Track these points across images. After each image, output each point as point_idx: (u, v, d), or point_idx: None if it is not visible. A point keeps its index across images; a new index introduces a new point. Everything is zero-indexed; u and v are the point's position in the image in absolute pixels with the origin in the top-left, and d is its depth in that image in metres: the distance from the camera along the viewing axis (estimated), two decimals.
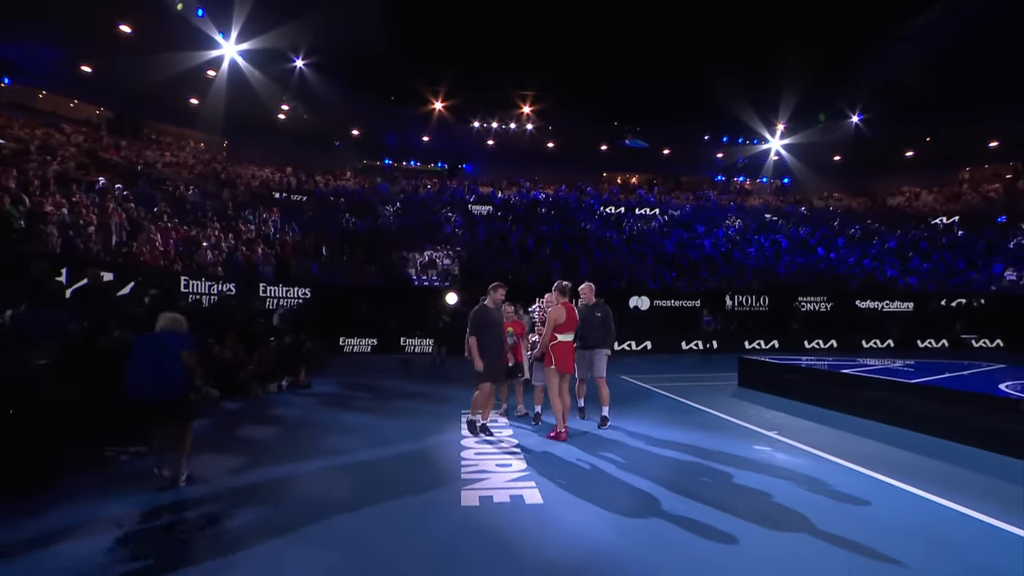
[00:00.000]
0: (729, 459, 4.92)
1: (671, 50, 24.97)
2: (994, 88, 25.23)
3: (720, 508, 3.69)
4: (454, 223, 25.08)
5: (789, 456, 5.07)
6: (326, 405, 7.76)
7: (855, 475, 4.47)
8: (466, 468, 4.54)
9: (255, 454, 5.02)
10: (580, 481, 4.26)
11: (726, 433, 6.05)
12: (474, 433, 5.69)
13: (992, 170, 34.39)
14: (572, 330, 5.72)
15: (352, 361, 13.63)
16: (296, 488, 4.06)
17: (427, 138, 30.78)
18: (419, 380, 10.43)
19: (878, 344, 18.22)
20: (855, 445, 5.43)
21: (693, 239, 27.26)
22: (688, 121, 29.83)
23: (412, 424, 6.39)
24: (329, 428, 6.13)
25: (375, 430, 6.04)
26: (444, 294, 15.92)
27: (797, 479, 4.33)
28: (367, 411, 7.26)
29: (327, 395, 8.55)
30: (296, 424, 6.43)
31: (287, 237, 18.23)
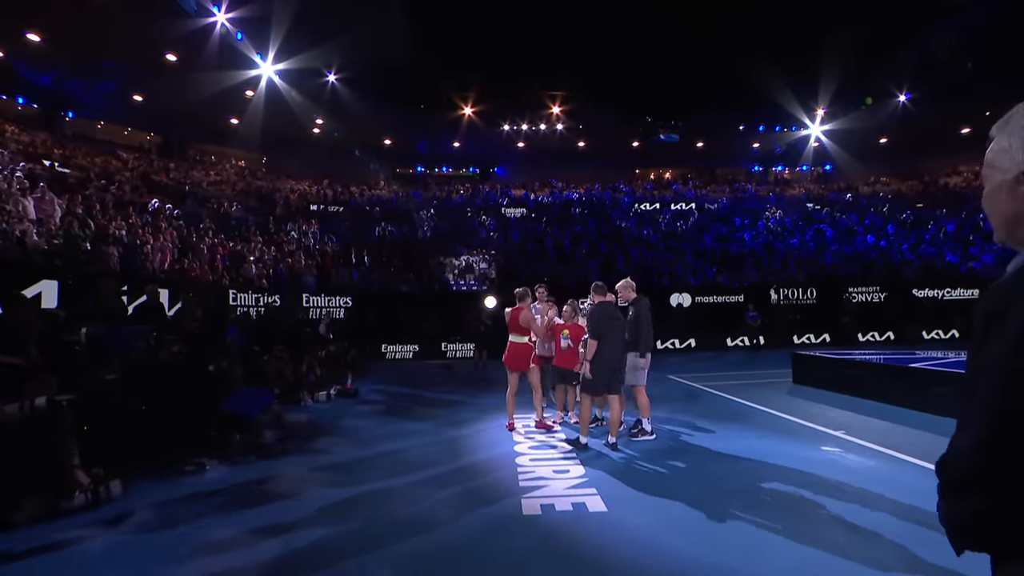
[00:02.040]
0: (797, 461, 4.68)
1: (704, 39, 24.41)
2: None
3: (794, 512, 3.50)
4: (488, 227, 25.13)
5: (862, 457, 4.80)
6: (377, 414, 7.80)
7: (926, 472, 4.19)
8: (523, 476, 4.46)
9: (316, 467, 5.04)
10: (642, 487, 4.13)
11: (789, 434, 5.80)
12: (581, 447, 5.26)
13: None
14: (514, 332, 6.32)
15: (395, 367, 13.81)
16: (364, 504, 4.00)
17: (458, 144, 31.02)
18: (464, 386, 10.47)
19: (941, 335, 17.25)
20: (932, 444, 5.09)
21: (732, 232, 26.48)
22: (722, 111, 29.06)
23: (464, 431, 6.35)
24: (384, 438, 6.11)
25: (430, 440, 6.01)
26: (483, 298, 15.94)
27: (874, 481, 4.08)
28: (418, 418, 7.23)
29: (376, 403, 8.63)
30: (351, 434, 6.46)
31: (327, 247, 18.65)
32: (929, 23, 22.69)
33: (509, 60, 26.27)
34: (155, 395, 5.24)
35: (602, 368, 5.16)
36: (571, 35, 24.83)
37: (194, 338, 6.93)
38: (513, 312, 6.45)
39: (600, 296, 5.53)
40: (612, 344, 5.21)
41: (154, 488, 4.26)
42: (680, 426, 6.22)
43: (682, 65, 25.60)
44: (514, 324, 6.38)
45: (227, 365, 6.28)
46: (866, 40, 23.56)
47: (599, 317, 5.26)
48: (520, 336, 6.39)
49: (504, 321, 6.37)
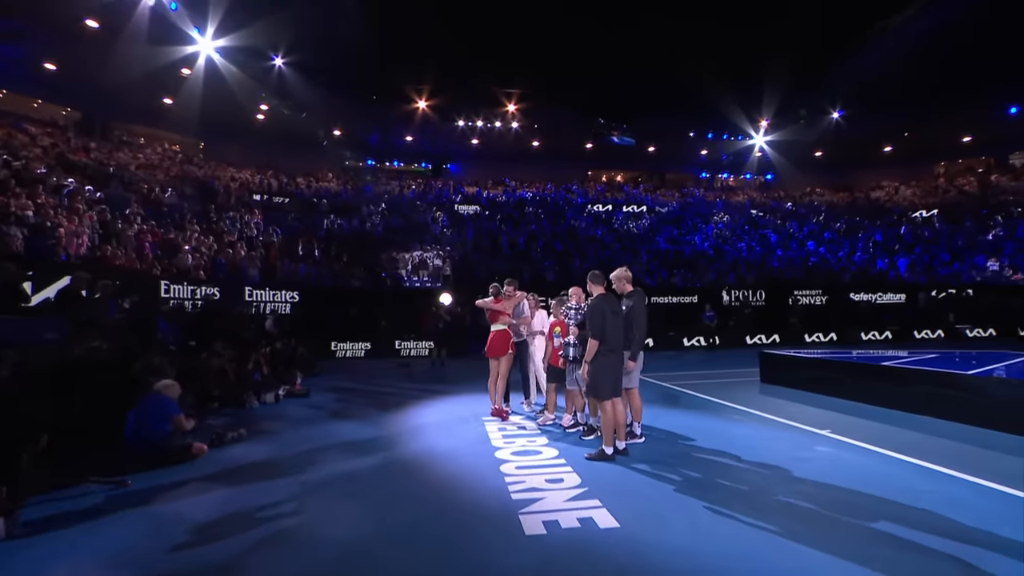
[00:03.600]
0: (797, 463, 4.46)
1: (657, 46, 24.89)
2: (966, 86, 25.90)
3: (820, 520, 3.23)
4: (442, 223, 24.49)
5: (858, 457, 4.67)
6: (333, 417, 7.02)
7: (931, 474, 4.08)
8: (514, 486, 3.96)
9: (258, 480, 4.33)
10: (649, 496, 3.74)
11: (778, 434, 5.62)
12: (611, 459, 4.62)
13: (966, 164, 35.18)
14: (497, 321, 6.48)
15: (347, 366, 12.93)
16: (329, 527, 3.38)
17: (411, 138, 30.17)
18: (424, 385, 9.82)
19: (876, 336, 18.16)
20: (920, 442, 5.04)
21: (683, 235, 27.14)
22: (674, 118, 29.75)
23: (436, 436, 5.76)
24: (343, 448, 5.34)
25: (398, 445, 5.40)
26: (438, 295, 15.32)
27: (883, 484, 3.89)
28: (380, 423, 6.56)
29: (330, 405, 7.85)
30: (305, 441, 5.70)
31: (271, 239, 17.44)
32: (858, 47, 24.20)
33: (465, 54, 25.81)
34: (62, 397, 4.40)
35: (606, 371, 4.59)
36: (528, 33, 24.71)
37: (117, 332, 6.02)
38: (496, 303, 6.49)
39: (599, 287, 4.87)
40: (616, 343, 4.66)
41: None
42: (666, 427, 5.90)
43: (634, 70, 25.99)
44: (495, 314, 6.52)
45: (157, 362, 5.44)
46: (806, 58, 24.80)
47: (601, 312, 4.57)
48: (499, 325, 6.52)
49: (464, 318, 6.02)
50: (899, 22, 23.05)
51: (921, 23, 22.48)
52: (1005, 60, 23.99)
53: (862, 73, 25.62)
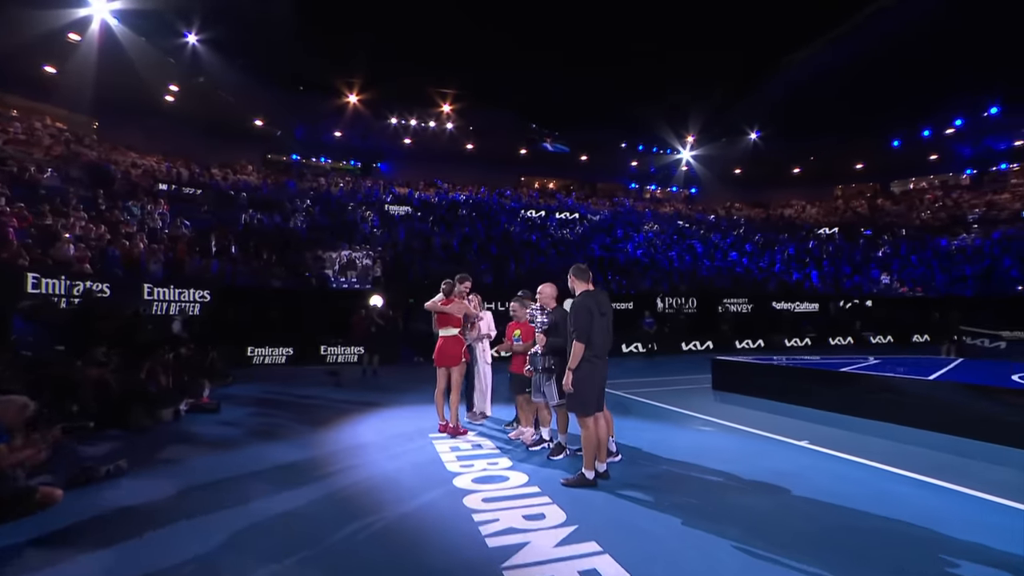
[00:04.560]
0: (791, 480, 4.11)
1: (592, 57, 25.28)
2: (859, 119, 28.48)
3: (842, 548, 2.83)
4: (372, 223, 23.23)
5: (849, 470, 4.42)
6: (250, 437, 5.86)
7: (937, 490, 3.89)
8: (487, 527, 3.22)
9: (134, 538, 3.13)
10: (651, 533, 3.17)
11: (756, 447, 5.30)
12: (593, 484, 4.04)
13: (858, 188, 38.88)
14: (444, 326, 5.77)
15: (266, 374, 11.54)
16: None
17: (339, 133, 28.60)
18: (356, 395, 8.79)
19: (798, 343, 19.13)
20: (911, 453, 4.91)
21: (615, 243, 27.58)
22: (606, 129, 30.37)
23: (379, 459, 4.87)
24: (266, 479, 4.24)
25: (334, 474, 4.43)
26: (369, 296, 14.21)
27: (885, 501, 3.62)
28: (307, 443, 5.51)
29: (246, 422, 6.68)
30: (207, 470, 4.51)
31: (179, 232, 15.53)
32: (770, 76, 26.01)
33: (399, 49, 24.84)
34: None
35: (593, 381, 3.99)
36: (463, 34, 24.24)
37: None
38: (445, 304, 5.81)
39: (583, 283, 4.23)
40: (603, 348, 4.09)
41: None
42: (635, 442, 5.38)
43: (570, 80, 26.24)
44: (445, 317, 5.81)
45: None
46: (727, 81, 26.27)
47: (588, 311, 3.97)
48: (450, 329, 5.81)
49: (396, 322, 5.23)
50: (803, 57, 24.98)
51: (821, 59, 24.50)
52: (890, 98, 26.80)
53: (774, 99, 27.49)
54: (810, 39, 24.21)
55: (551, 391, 4.75)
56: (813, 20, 22.71)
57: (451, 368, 5.75)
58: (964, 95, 27.15)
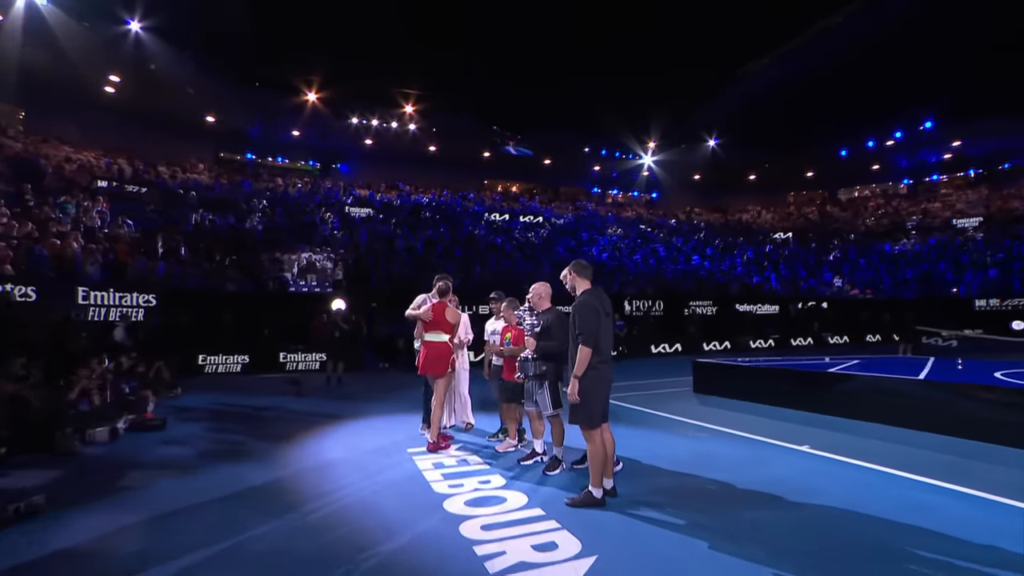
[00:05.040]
0: (810, 492, 3.87)
1: (557, 62, 25.34)
2: (810, 128, 29.71)
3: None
4: (332, 224, 22.35)
5: (861, 476, 4.23)
6: (202, 458, 5.09)
7: (953, 494, 3.73)
8: (493, 562, 2.78)
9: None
10: (683, 562, 2.82)
11: (757, 453, 5.07)
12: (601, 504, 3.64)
13: (809, 196, 40.57)
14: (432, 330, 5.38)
15: (219, 384, 10.67)
16: None
17: (297, 133, 27.49)
18: (321, 406, 8.16)
19: (763, 344, 19.49)
20: (918, 456, 4.79)
21: (580, 246, 27.58)
22: (570, 133, 30.46)
23: (355, 480, 4.31)
24: (220, 509, 3.66)
25: (304, 500, 3.83)
26: (331, 300, 13.51)
27: (910, 512, 3.42)
28: (271, 462, 4.86)
29: (196, 440, 5.90)
30: (151, 506, 3.71)
31: (121, 232, 14.37)
32: (732, 85, 26.80)
33: (362, 47, 24.15)
34: None
35: (601, 388, 3.62)
36: (428, 34, 23.82)
37: None
38: (436, 307, 5.39)
39: (585, 281, 3.85)
40: (608, 351, 3.70)
41: None
42: (629, 452, 4.92)
43: (535, 82, 26.21)
44: (436, 320, 5.39)
45: None
46: (689, 87, 26.84)
47: (594, 311, 3.60)
48: (439, 335, 5.38)
49: (360, 327, 4.75)
50: (758, 70, 25.88)
51: (774, 73, 25.45)
52: (840, 111, 28.10)
53: (731, 109, 28.32)
54: (763, 53, 25.09)
55: (544, 399, 4.39)
56: (766, 35, 23.53)
57: (438, 377, 5.34)
58: (903, 110, 28.74)
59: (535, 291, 4.60)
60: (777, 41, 24.32)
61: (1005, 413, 4.91)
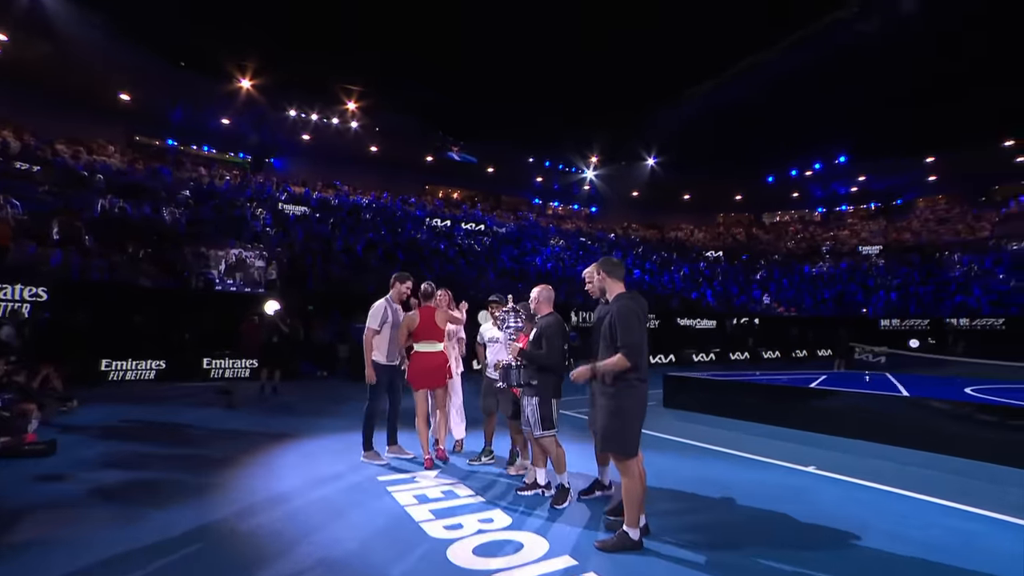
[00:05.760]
0: (850, 521, 3.53)
1: (505, 70, 25.15)
2: (742, 154, 31.46)
3: None
4: (264, 221, 20.67)
5: (902, 506, 3.95)
6: (102, 497, 3.84)
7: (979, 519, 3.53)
8: None
9: None
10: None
11: (773, 477, 4.72)
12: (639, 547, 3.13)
13: (737, 218, 42.98)
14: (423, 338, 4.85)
15: (127, 395, 9.18)
16: None
17: (227, 121, 25.39)
18: (260, 421, 7.06)
19: (704, 358, 19.94)
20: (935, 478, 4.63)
21: (523, 255, 27.40)
22: (515, 142, 30.38)
23: (324, 522, 3.41)
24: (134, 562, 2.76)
25: (266, 556, 2.90)
26: (264, 301, 12.22)
27: (973, 547, 3.15)
28: (209, 502, 3.78)
29: (92, 471, 4.54)
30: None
31: (3, 214, 12.33)
32: (667, 108, 27.85)
33: (304, 34, 22.80)
34: None
35: (640, 411, 3.12)
36: (375, 28, 22.88)
37: None
38: (424, 313, 4.85)
39: (618, 283, 3.34)
40: (647, 366, 3.18)
41: None
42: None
43: (480, 89, 25.91)
44: (426, 328, 4.82)
45: None
46: (631, 108, 27.60)
47: (637, 317, 3.10)
48: (431, 344, 4.84)
49: (297, 331, 4.01)
50: (696, 96, 27.09)
51: (712, 99, 26.72)
52: (770, 139, 30.01)
53: (669, 131, 29.43)
54: (701, 81, 26.22)
55: (533, 416, 3.84)
56: (704, 64, 24.59)
57: (435, 389, 4.84)
58: (822, 144, 31.16)
59: (538, 294, 4.13)
60: (713, 71, 25.51)
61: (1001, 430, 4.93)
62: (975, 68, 22.64)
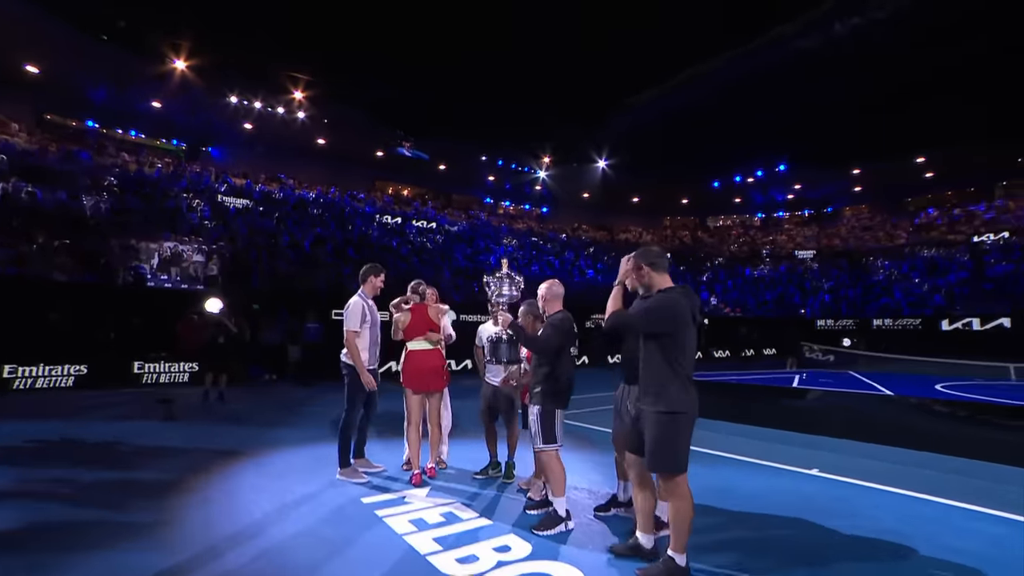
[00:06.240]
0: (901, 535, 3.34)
1: (459, 67, 24.55)
2: (687, 159, 32.44)
3: None
4: (201, 213, 19.14)
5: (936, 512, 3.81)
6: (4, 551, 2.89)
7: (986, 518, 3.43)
8: None
9: None
10: None
11: (775, 481, 4.52)
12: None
13: (683, 221, 44.37)
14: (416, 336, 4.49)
15: (38, 406, 7.98)
16: None
17: (158, 104, 23.39)
18: (207, 435, 6.19)
19: None
20: (919, 475, 4.54)
21: (477, 254, 26.98)
22: (467, 140, 29.87)
23: (321, 566, 2.80)
24: None
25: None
26: (205, 299, 11.13)
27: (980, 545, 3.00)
28: (160, 544, 3.03)
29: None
30: None
31: None
32: (618, 113, 28.26)
33: (247, 18, 21.26)
34: None
35: (690, 421, 2.75)
36: (326, 17, 21.66)
37: None
38: (416, 310, 4.54)
39: (663, 275, 2.96)
40: (692, 369, 2.82)
41: None
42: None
43: (433, 84, 25.20)
44: (419, 324, 4.50)
45: None
46: (584, 109, 27.73)
47: (683, 311, 2.78)
48: (427, 341, 4.51)
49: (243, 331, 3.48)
50: (645, 102, 27.61)
51: (662, 104, 27.31)
52: (718, 145, 31.02)
53: (619, 134, 29.86)
54: (650, 87, 26.70)
55: (535, 426, 3.42)
56: (654, 71, 24.98)
57: (433, 393, 4.43)
58: (766, 151, 32.54)
59: (546, 290, 3.80)
60: (665, 77, 26.00)
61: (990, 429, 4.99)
62: (897, 88, 24.22)
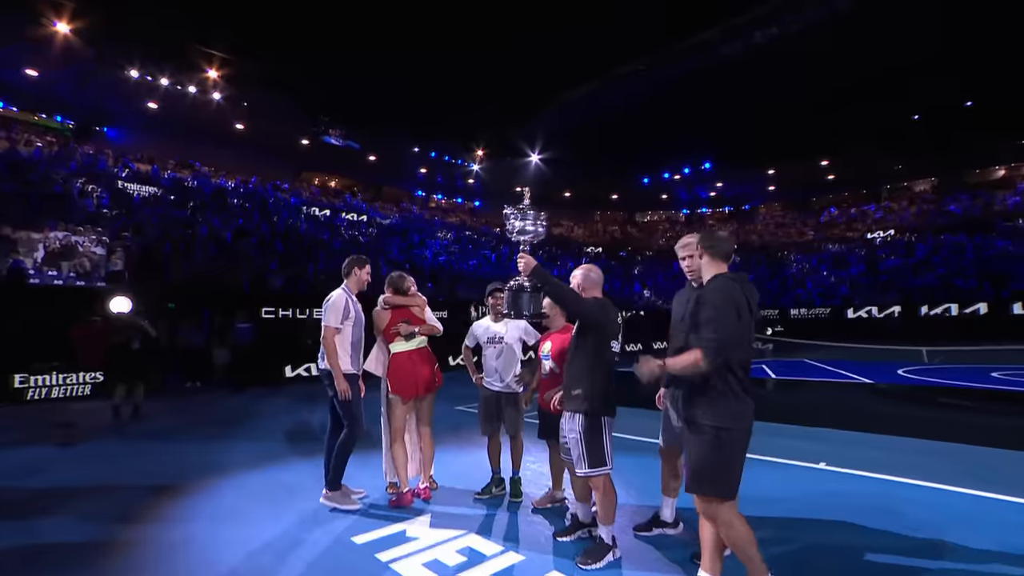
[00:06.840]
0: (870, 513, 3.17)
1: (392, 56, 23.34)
2: (618, 155, 33.21)
3: None
4: (99, 200, 16.86)
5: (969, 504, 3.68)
6: None
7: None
8: None
9: None
10: None
11: (791, 479, 4.30)
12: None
13: (612, 216, 45.51)
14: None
15: None
16: None
17: (36, 73, 20.30)
18: (124, 464, 5.02)
19: None
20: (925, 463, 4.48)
21: (412, 248, 26.06)
22: (399, 131, 28.75)
23: None
24: None
25: None
26: (108, 298, 9.58)
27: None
28: None
29: None
30: None
31: None
32: (556, 107, 28.31)
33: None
34: None
35: (745, 437, 2.31)
36: None
37: None
38: (398, 312, 4.06)
39: (720, 262, 2.48)
40: (747, 372, 2.36)
41: None
42: (640, 496, 3.88)
43: (361, 68, 23.79)
44: (401, 320, 4.03)
45: None
46: (516, 105, 27.46)
47: (736, 304, 2.29)
48: (412, 342, 4.03)
49: None
50: (576, 97, 27.85)
51: (594, 100, 27.64)
52: (646, 143, 31.86)
53: (551, 129, 29.98)
54: (582, 83, 26.89)
55: (577, 446, 2.91)
56: (585, 68, 25.10)
57: (422, 397, 3.94)
58: (691, 150, 33.87)
59: (585, 276, 3.22)
60: (596, 74, 26.22)
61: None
62: (805, 95, 25.98)
